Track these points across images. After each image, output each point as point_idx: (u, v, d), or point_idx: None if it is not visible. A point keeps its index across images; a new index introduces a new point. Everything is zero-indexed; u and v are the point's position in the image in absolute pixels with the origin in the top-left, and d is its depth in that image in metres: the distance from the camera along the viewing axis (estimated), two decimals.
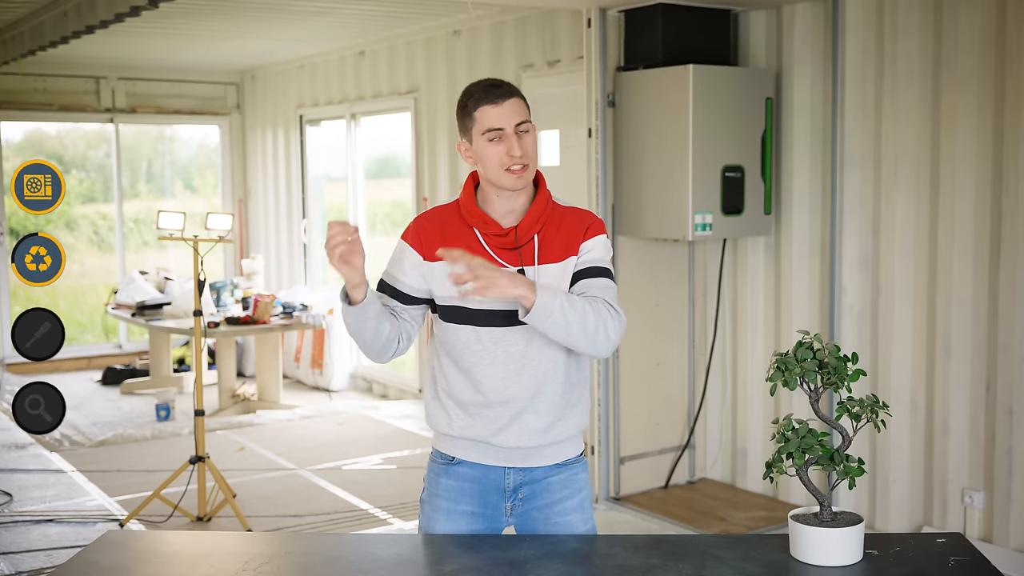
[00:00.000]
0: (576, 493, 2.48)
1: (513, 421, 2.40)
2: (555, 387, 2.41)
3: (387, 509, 5.23)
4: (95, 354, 9.27)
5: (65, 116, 9.19)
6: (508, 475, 2.45)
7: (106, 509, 5.17)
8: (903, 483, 4.69)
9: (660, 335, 5.42)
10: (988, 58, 4.26)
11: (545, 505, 2.46)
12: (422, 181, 7.46)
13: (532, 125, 2.40)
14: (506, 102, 2.36)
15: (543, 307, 2.22)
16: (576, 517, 2.47)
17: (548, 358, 2.39)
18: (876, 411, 2.16)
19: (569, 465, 2.49)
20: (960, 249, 4.40)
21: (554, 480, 2.46)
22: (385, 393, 8.08)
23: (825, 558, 2.14)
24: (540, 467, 2.45)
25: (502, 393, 2.39)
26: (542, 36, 6.26)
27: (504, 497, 2.46)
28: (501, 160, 2.35)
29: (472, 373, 2.40)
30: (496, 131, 2.35)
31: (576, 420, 2.47)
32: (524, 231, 2.39)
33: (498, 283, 2.19)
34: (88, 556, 2.33)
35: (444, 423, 2.46)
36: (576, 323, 2.25)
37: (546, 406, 2.41)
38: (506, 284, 2.20)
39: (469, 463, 2.46)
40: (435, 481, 2.50)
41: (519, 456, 2.43)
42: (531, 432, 2.40)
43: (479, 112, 2.36)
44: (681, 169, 4.82)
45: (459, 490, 2.46)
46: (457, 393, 2.43)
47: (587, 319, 2.26)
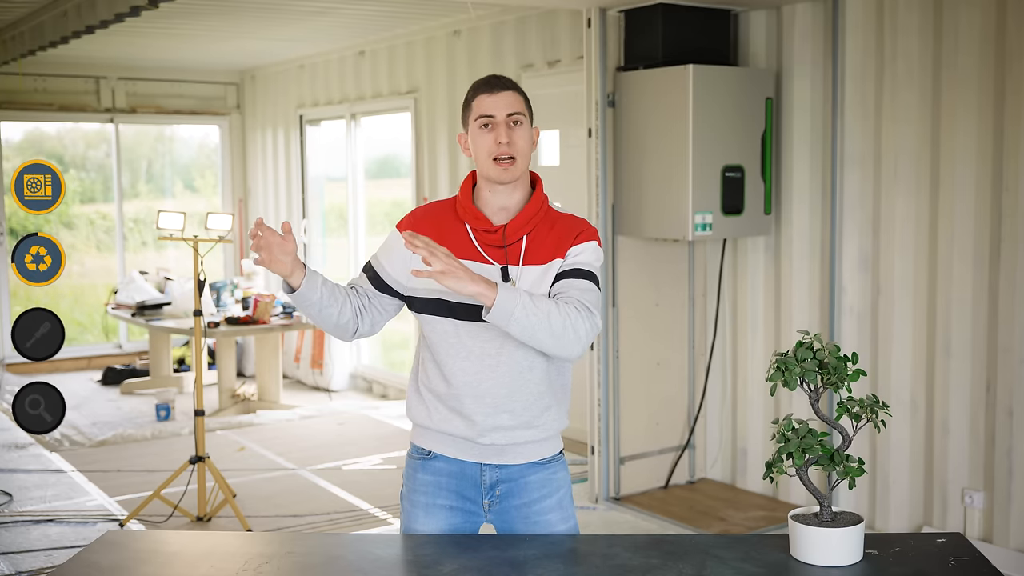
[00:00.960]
0: (554, 492, 2.47)
1: (488, 418, 2.39)
2: (532, 386, 2.40)
3: (387, 509, 5.23)
4: (95, 354, 9.27)
5: (65, 116, 9.19)
6: (484, 471, 2.44)
7: (106, 509, 5.17)
8: (903, 483, 4.69)
9: (660, 335, 5.42)
10: (988, 57, 4.26)
11: (523, 504, 2.45)
12: (422, 181, 7.46)
13: (527, 120, 2.40)
14: (501, 92, 2.39)
15: (502, 307, 2.19)
16: (555, 516, 2.47)
17: (524, 356, 2.38)
18: (876, 411, 2.16)
19: (546, 464, 2.47)
20: (960, 249, 4.40)
21: (532, 480, 2.45)
22: (385, 393, 8.08)
23: (825, 558, 2.14)
24: (516, 464, 2.44)
25: (475, 388, 2.38)
26: (542, 36, 6.27)
27: (482, 493, 2.46)
28: (490, 149, 2.37)
29: (447, 366, 2.40)
30: (487, 117, 2.38)
31: (554, 422, 2.46)
32: (513, 230, 2.39)
33: (457, 274, 2.18)
34: (88, 556, 2.33)
35: (423, 415, 2.46)
36: (540, 324, 2.21)
37: (521, 405, 2.40)
38: (465, 278, 2.18)
39: (445, 458, 2.46)
40: (412, 477, 2.51)
41: (494, 453, 2.43)
42: (506, 430, 2.40)
43: (476, 101, 2.41)
44: (681, 169, 4.82)
45: (436, 484, 2.46)
46: (435, 386, 2.44)
47: (552, 320, 2.22)
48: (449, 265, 2.18)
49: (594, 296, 2.35)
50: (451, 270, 2.18)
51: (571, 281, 2.35)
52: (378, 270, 2.48)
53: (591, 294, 2.34)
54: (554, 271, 2.38)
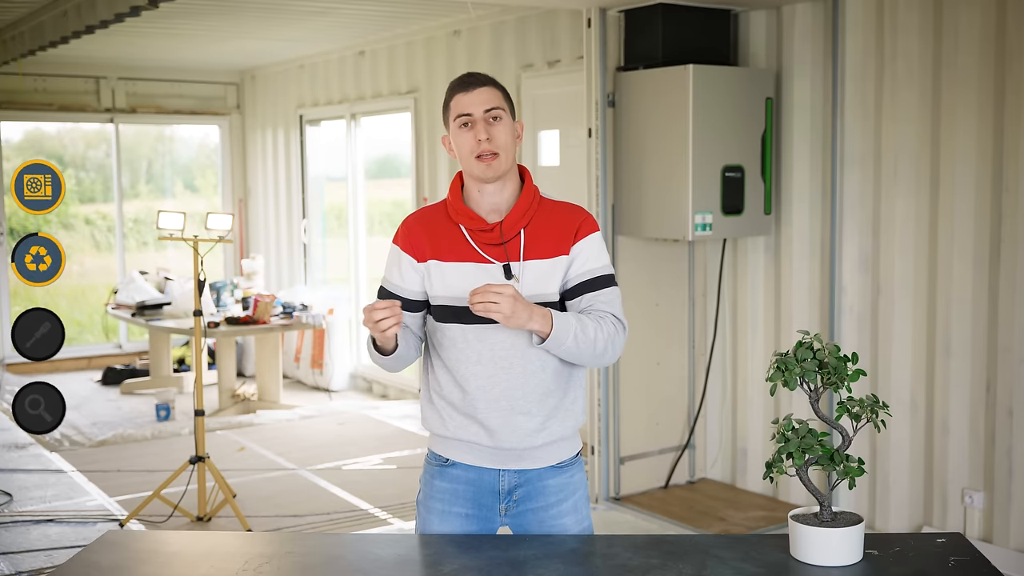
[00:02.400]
0: (571, 495, 2.47)
1: (504, 422, 2.37)
2: (545, 386, 2.39)
3: (387, 509, 5.23)
4: (95, 354, 9.27)
5: (65, 116, 9.19)
6: (503, 477, 2.43)
7: (106, 509, 5.17)
8: (903, 483, 4.69)
9: (660, 335, 5.41)
10: (988, 57, 4.26)
11: (540, 508, 2.44)
12: (422, 181, 7.46)
13: (506, 115, 2.38)
14: (477, 89, 2.38)
15: (556, 338, 2.28)
16: (570, 519, 2.46)
17: (536, 357, 2.37)
18: (876, 411, 2.16)
19: (565, 468, 2.46)
20: (960, 249, 4.40)
21: (550, 484, 2.44)
22: (385, 393, 8.08)
23: (825, 558, 2.14)
24: (535, 469, 2.43)
25: (489, 392, 2.37)
26: (542, 36, 6.26)
27: (499, 499, 2.44)
28: (471, 147, 2.36)
29: (459, 372, 2.39)
30: (465, 116, 2.37)
31: (571, 420, 2.44)
32: (509, 226, 2.37)
33: (516, 316, 2.22)
34: (88, 556, 2.33)
35: (438, 424, 2.45)
36: (587, 347, 2.31)
37: (537, 406, 2.38)
38: (524, 318, 2.23)
39: (463, 465, 2.44)
40: (430, 483, 2.50)
41: (513, 458, 2.42)
42: (523, 433, 2.38)
43: (453, 101, 2.40)
44: (681, 169, 4.82)
45: (453, 492, 2.45)
46: (447, 394, 2.42)
47: (597, 344, 2.32)
48: (507, 307, 2.20)
49: (620, 301, 2.41)
50: (511, 313, 2.21)
51: (596, 294, 2.38)
52: (399, 293, 2.45)
53: (618, 301, 2.40)
54: (561, 268, 2.37)
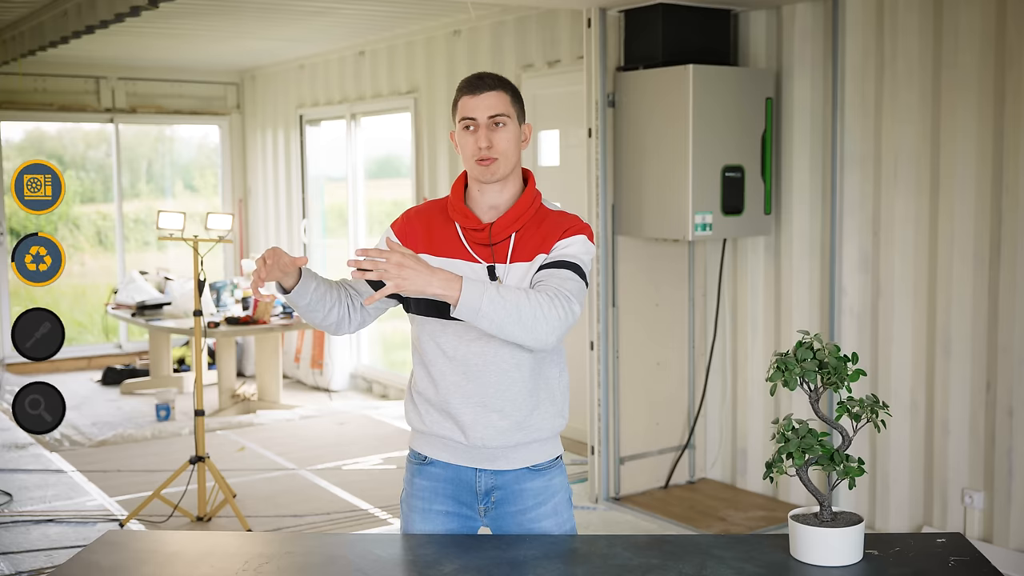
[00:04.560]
0: (550, 499, 2.45)
1: (476, 419, 2.37)
2: (520, 384, 2.37)
3: (387, 509, 5.23)
4: (95, 354, 9.27)
5: (65, 116, 9.19)
6: (480, 477, 2.43)
7: (106, 509, 5.17)
8: (903, 483, 4.69)
9: (660, 335, 5.41)
10: (988, 58, 4.26)
11: (518, 512, 2.44)
12: (422, 181, 7.46)
13: (512, 121, 2.37)
14: (483, 94, 2.37)
15: (468, 303, 2.15)
16: (550, 523, 2.45)
17: (510, 354, 2.35)
18: (876, 411, 2.16)
19: (543, 471, 2.45)
20: (960, 249, 4.40)
21: (528, 487, 2.43)
22: (385, 393, 8.08)
23: (825, 558, 2.14)
24: (512, 471, 2.42)
25: (462, 388, 2.37)
26: (542, 36, 6.26)
27: (477, 499, 2.45)
28: (472, 150, 2.37)
29: (434, 367, 2.40)
30: (469, 120, 2.37)
31: (547, 421, 2.42)
32: (500, 229, 2.37)
33: (410, 280, 2.13)
34: (88, 556, 2.33)
35: (416, 419, 2.46)
36: (509, 317, 2.16)
37: (511, 405, 2.37)
38: (421, 282, 2.13)
39: (441, 463, 2.45)
40: (411, 481, 2.51)
41: (487, 457, 2.41)
42: (495, 431, 2.37)
43: (460, 103, 2.40)
44: (681, 169, 4.82)
45: (433, 490, 2.46)
46: (423, 389, 2.43)
47: (522, 311, 2.16)
48: (408, 268, 2.13)
49: (573, 285, 2.28)
50: (410, 274, 2.13)
51: (552, 271, 2.30)
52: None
53: (571, 283, 2.27)
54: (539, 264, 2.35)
